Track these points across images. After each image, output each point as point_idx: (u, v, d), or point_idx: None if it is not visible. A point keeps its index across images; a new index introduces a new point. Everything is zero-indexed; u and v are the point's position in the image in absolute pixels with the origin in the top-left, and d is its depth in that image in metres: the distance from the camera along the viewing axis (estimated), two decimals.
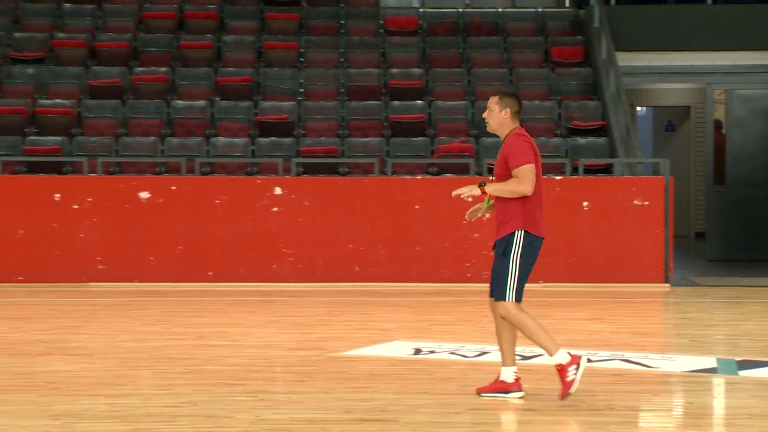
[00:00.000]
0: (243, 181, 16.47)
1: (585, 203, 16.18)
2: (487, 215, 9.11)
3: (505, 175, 8.41)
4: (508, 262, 8.37)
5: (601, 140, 18.51)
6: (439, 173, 17.37)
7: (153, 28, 20.46)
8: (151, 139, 18.03)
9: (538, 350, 10.10)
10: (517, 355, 8.83)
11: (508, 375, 8.54)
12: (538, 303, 14.45)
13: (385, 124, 18.86)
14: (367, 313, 13.76)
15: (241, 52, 20.15)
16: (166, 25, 20.53)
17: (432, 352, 10.67)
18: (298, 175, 16.96)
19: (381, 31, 21.06)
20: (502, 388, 8.56)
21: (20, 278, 15.84)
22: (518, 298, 8.40)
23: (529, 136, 8.48)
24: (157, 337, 11.71)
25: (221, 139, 18.22)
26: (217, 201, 16.02)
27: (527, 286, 8.51)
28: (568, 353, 8.35)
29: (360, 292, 15.64)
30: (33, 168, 17.09)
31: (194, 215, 16.00)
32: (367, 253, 16.14)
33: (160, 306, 14.34)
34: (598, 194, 16.24)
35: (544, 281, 16.01)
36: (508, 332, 8.49)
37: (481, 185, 8.35)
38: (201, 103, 18.92)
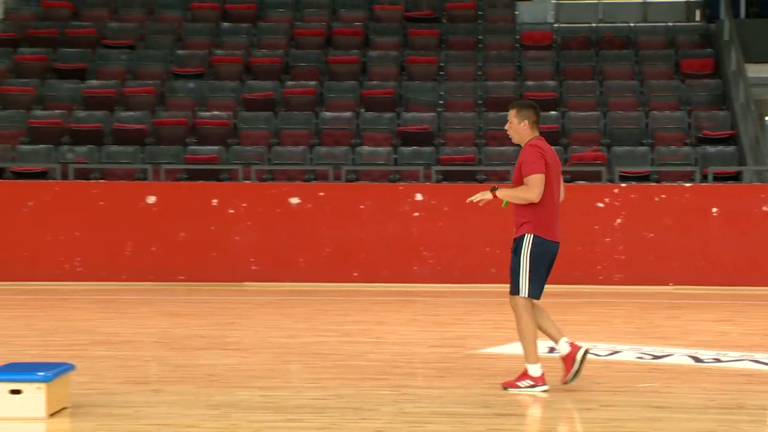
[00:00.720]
0: (386, 187, 16.53)
1: (714, 209, 15.90)
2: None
3: (520, 182, 8.51)
4: (518, 260, 8.55)
5: (730, 149, 18.19)
6: (571, 180, 17.24)
7: (303, 45, 20.66)
8: (301, 148, 18.21)
9: (668, 350, 9.95)
10: (648, 354, 8.71)
11: (535, 370, 8.59)
12: (668, 305, 14.25)
13: None
14: (503, 313, 13.68)
15: (384, 67, 20.24)
16: (315, 42, 20.71)
17: None
18: (437, 182, 16.97)
19: (517, 45, 20.98)
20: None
21: (181, 277, 16.10)
22: (532, 294, 8.54)
23: (543, 146, 8.55)
24: (306, 334, 11.80)
25: (366, 148, 18.32)
26: (362, 206, 16.11)
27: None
28: (541, 373, 8.51)
29: (496, 293, 15.56)
30: (193, 175, 17.37)
31: (340, 219, 16.10)
32: (503, 255, 16.04)
33: (308, 304, 14.46)
34: (727, 201, 15.95)
35: (674, 284, 15.78)
36: (546, 323, 8.64)
37: (492, 190, 8.53)
38: (347, 114, 19.04)
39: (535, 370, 8.57)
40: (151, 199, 16.11)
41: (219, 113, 18.90)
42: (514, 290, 8.58)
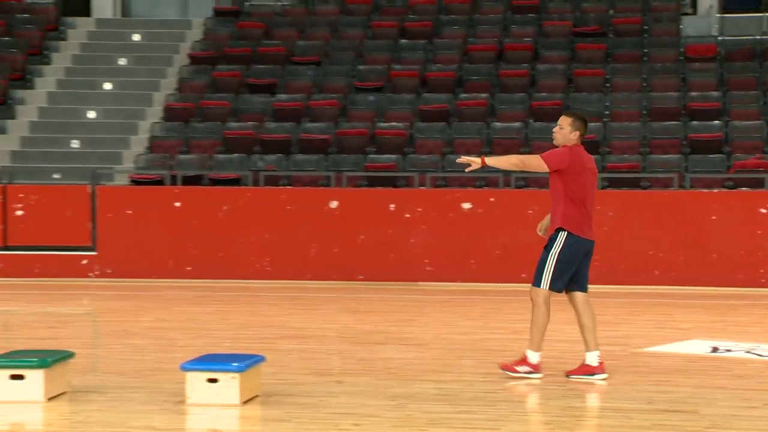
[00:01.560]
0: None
1: None
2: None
3: (554, 182, 8.68)
4: (547, 256, 8.62)
5: None
6: (735, 187, 16.81)
7: (476, 59, 20.63)
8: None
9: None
10: (756, 354, 8.42)
11: (592, 359, 8.67)
12: None
13: (684, 142, 18.40)
14: (666, 314, 13.44)
15: (553, 79, 20.06)
16: (487, 56, 20.66)
17: (728, 350, 10.32)
18: (603, 188, 16.73)
19: (681, 58, 20.56)
20: (588, 371, 8.68)
21: (361, 277, 16.23)
22: (554, 288, 8.65)
23: (578, 151, 8.72)
24: (478, 331, 11.78)
25: None
26: (530, 211, 15.97)
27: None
28: (539, 361, 8.68)
29: (659, 294, 15.29)
30: (372, 182, 17.50)
31: (510, 224, 16.00)
32: (666, 258, 15.77)
33: (480, 303, 14.42)
34: None
35: None
36: (588, 320, 8.74)
37: (481, 154, 8.76)
38: (517, 124, 18.94)
39: (534, 357, 8.73)
40: (334, 204, 16.27)
41: (397, 124, 19.00)
42: (537, 283, 8.67)
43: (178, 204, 16.37)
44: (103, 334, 11.66)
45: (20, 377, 8.01)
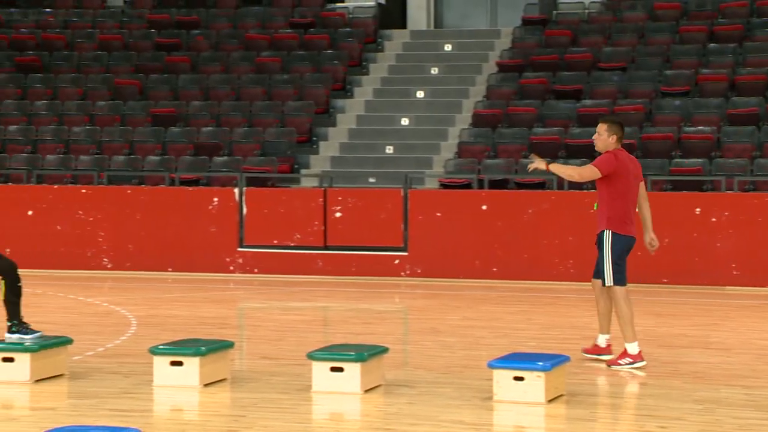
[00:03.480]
0: None
1: None
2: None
3: (600, 185, 9.21)
4: (602, 255, 9.20)
5: None
6: None
7: None
8: None
9: None
10: None
11: (633, 348, 9.13)
12: None
13: None
14: None
15: None
16: None
17: None
18: None
19: None
20: (598, 351, 9.44)
21: (664, 280, 15.84)
22: (618, 282, 9.14)
23: (621, 155, 9.18)
24: None
25: None
26: None
27: None
28: (639, 350, 9.10)
29: None
30: (677, 186, 17.05)
31: None
32: None
33: None
34: None
35: None
36: (604, 306, 9.32)
37: (547, 162, 9.19)
38: None
39: (633, 348, 9.11)
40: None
41: (704, 128, 18.41)
42: (604, 281, 9.22)
43: (484, 207, 16.47)
44: (413, 331, 11.88)
45: (339, 369, 8.25)
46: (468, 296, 14.78)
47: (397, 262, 16.58)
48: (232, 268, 16.95)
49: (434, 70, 20.95)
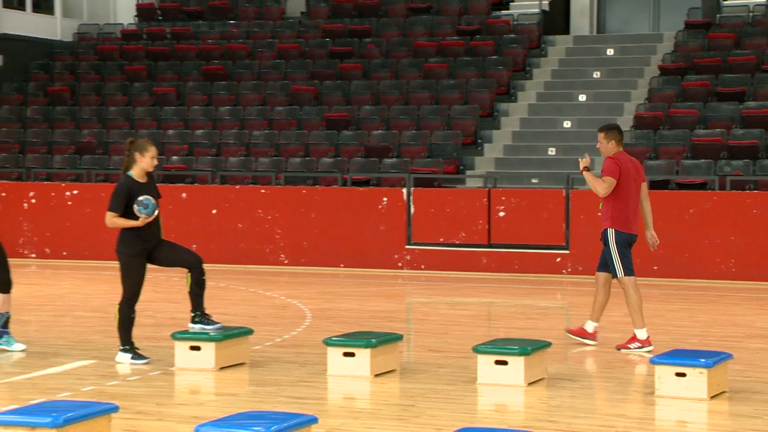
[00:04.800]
0: None
1: None
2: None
3: None
4: (609, 251, 9.63)
5: None
6: None
7: None
8: None
9: None
10: None
11: (642, 334, 9.53)
12: None
13: None
14: None
15: None
16: None
17: None
18: None
19: None
20: (581, 334, 9.86)
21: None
22: (627, 272, 9.57)
23: (622, 158, 9.62)
24: None
25: None
26: None
27: None
28: (647, 336, 9.55)
29: None
30: None
31: None
32: None
33: None
34: None
35: None
36: (602, 298, 9.72)
37: (585, 169, 9.65)
38: None
39: (641, 333, 9.55)
40: None
41: None
42: (615, 274, 9.61)
43: None
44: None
45: (504, 363, 8.19)
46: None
47: (558, 260, 16.40)
48: (400, 264, 17.04)
49: (596, 74, 20.67)
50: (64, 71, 22.50)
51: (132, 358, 9.03)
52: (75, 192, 18.27)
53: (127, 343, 9.06)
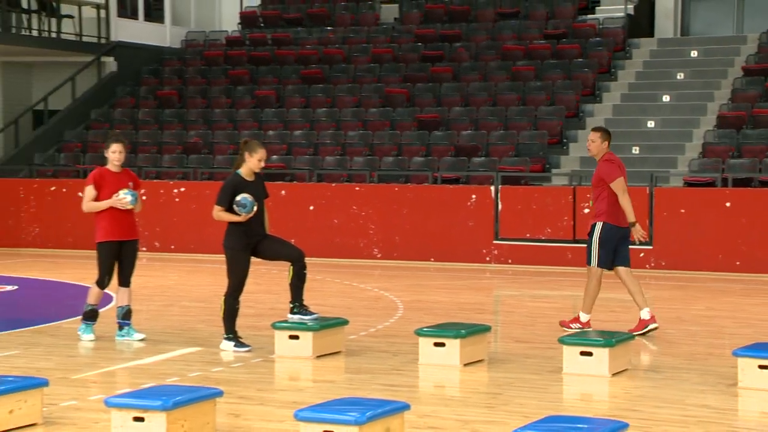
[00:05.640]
0: None
1: None
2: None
3: (598, 186, 9.88)
4: (590, 242, 9.82)
5: None
6: None
7: None
8: None
9: None
10: None
11: (645, 314, 9.84)
12: None
13: None
14: None
15: None
16: None
17: None
18: None
19: None
20: (644, 324, 9.83)
21: None
22: (601, 265, 9.81)
23: (615, 158, 9.95)
24: None
25: None
26: None
27: None
28: (588, 320, 9.95)
29: None
30: None
31: None
32: None
33: None
34: None
35: None
36: (633, 287, 9.86)
37: (631, 225, 9.79)
38: None
39: (584, 317, 9.92)
40: None
41: None
42: (588, 262, 9.87)
43: (728, 204, 15.89)
44: (658, 320, 11.53)
45: (589, 354, 8.14)
46: (711, 288, 14.29)
47: (642, 255, 16.21)
48: (488, 258, 17.01)
49: (680, 76, 20.39)
50: (172, 76, 22.88)
51: (235, 346, 9.16)
52: (182, 189, 18.58)
53: (230, 332, 9.20)
